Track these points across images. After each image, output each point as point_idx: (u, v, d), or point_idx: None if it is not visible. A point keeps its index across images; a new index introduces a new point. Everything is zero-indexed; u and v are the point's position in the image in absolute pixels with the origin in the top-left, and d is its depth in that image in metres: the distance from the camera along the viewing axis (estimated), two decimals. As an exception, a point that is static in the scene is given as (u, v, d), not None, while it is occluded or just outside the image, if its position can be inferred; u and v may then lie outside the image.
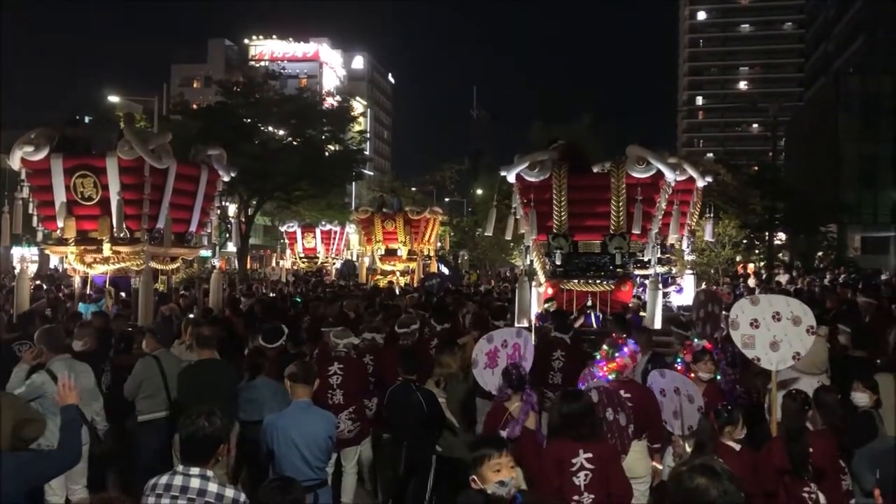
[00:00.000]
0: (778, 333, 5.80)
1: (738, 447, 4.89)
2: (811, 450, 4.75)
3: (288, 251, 30.54)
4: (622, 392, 5.70)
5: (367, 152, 45.96)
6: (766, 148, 57.95)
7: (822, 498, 4.60)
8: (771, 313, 5.84)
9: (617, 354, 5.81)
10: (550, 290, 11.71)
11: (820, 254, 41.75)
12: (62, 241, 10.73)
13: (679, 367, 6.52)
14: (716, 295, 9.58)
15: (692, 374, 6.34)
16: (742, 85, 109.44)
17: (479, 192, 43.87)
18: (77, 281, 11.95)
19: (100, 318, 9.23)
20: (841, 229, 45.55)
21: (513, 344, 6.63)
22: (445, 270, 26.10)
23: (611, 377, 5.74)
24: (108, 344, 8.46)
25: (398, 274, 23.52)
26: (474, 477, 3.54)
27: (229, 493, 3.66)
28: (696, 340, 7.13)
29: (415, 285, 20.38)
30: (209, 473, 3.67)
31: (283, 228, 30.62)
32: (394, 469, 6.65)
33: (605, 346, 5.84)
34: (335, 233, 29.04)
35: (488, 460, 3.54)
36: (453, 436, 6.43)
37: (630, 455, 5.49)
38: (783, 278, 27.82)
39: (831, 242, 43.07)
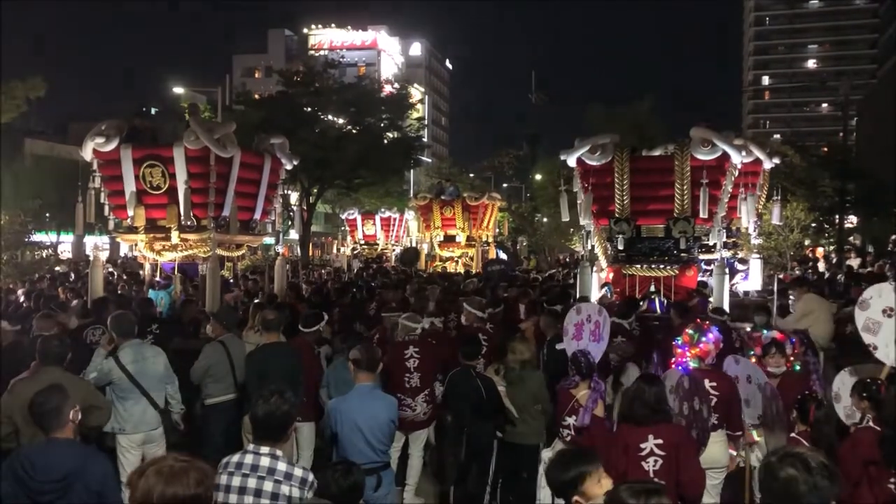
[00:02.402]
0: None
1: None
2: None
3: (349, 238, 30.89)
4: (707, 381, 5.52)
5: (425, 139, 45.99)
6: (837, 128, 55.65)
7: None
8: None
9: (703, 340, 5.60)
10: (610, 275, 11.57)
11: (894, 237, 40.04)
12: (132, 230, 11.03)
13: (754, 359, 6.35)
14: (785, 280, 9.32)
15: (766, 368, 6.17)
16: (811, 63, 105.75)
17: (538, 177, 43.36)
18: (147, 268, 12.31)
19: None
20: (917, 212, 43.57)
21: (595, 321, 6.59)
22: (504, 256, 26.01)
23: (692, 364, 5.55)
24: (178, 330, 8.76)
25: (455, 261, 23.53)
26: (578, 498, 3.33)
27: (298, 472, 3.73)
28: (765, 332, 6.90)
29: (475, 271, 20.36)
30: (278, 453, 3.75)
31: (343, 216, 30.97)
32: (455, 454, 6.67)
33: (689, 331, 5.59)
34: (394, 219, 29.27)
35: (590, 477, 3.37)
36: (512, 426, 6.41)
37: (711, 444, 5.30)
38: (855, 262, 26.89)
39: (907, 225, 41.23)
